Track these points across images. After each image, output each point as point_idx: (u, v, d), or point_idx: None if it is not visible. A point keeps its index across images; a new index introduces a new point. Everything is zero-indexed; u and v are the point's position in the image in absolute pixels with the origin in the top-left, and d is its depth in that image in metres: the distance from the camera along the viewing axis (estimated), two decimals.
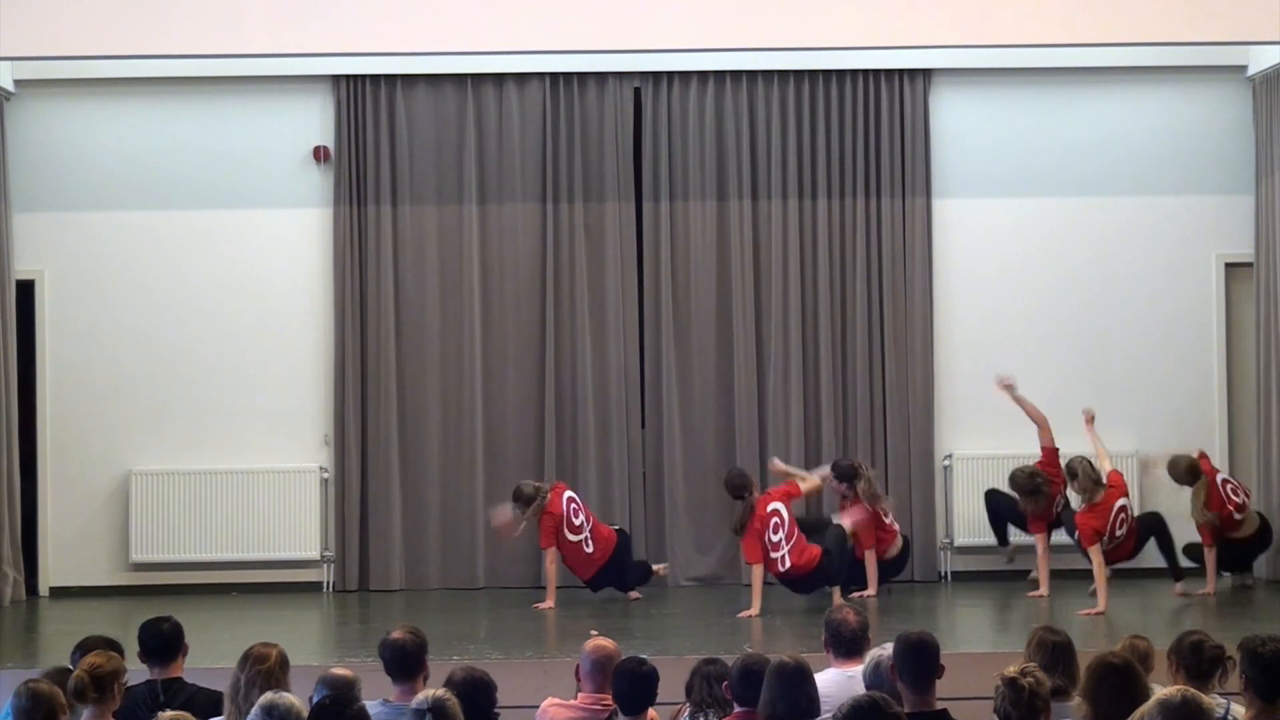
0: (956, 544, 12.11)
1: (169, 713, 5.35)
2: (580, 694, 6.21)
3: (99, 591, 11.87)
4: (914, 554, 11.84)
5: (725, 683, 5.80)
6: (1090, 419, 11.33)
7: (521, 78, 12.19)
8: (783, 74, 12.22)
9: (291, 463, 12.10)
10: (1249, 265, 12.21)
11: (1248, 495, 11.43)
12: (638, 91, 12.33)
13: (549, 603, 10.84)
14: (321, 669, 6.12)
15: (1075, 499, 10.98)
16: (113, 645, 6.32)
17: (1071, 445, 11.52)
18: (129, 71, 11.93)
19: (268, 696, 5.24)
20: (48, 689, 5.43)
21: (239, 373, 12.17)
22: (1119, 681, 5.37)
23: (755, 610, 10.32)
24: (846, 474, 11.09)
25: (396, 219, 12.21)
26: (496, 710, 5.73)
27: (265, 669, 5.74)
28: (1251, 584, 11.50)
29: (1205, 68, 12.24)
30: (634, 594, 11.26)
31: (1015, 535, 11.51)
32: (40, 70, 11.88)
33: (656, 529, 12.14)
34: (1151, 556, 11.26)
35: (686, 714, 6.13)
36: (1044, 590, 10.94)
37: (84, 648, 6.30)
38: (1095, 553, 10.56)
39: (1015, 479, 11.09)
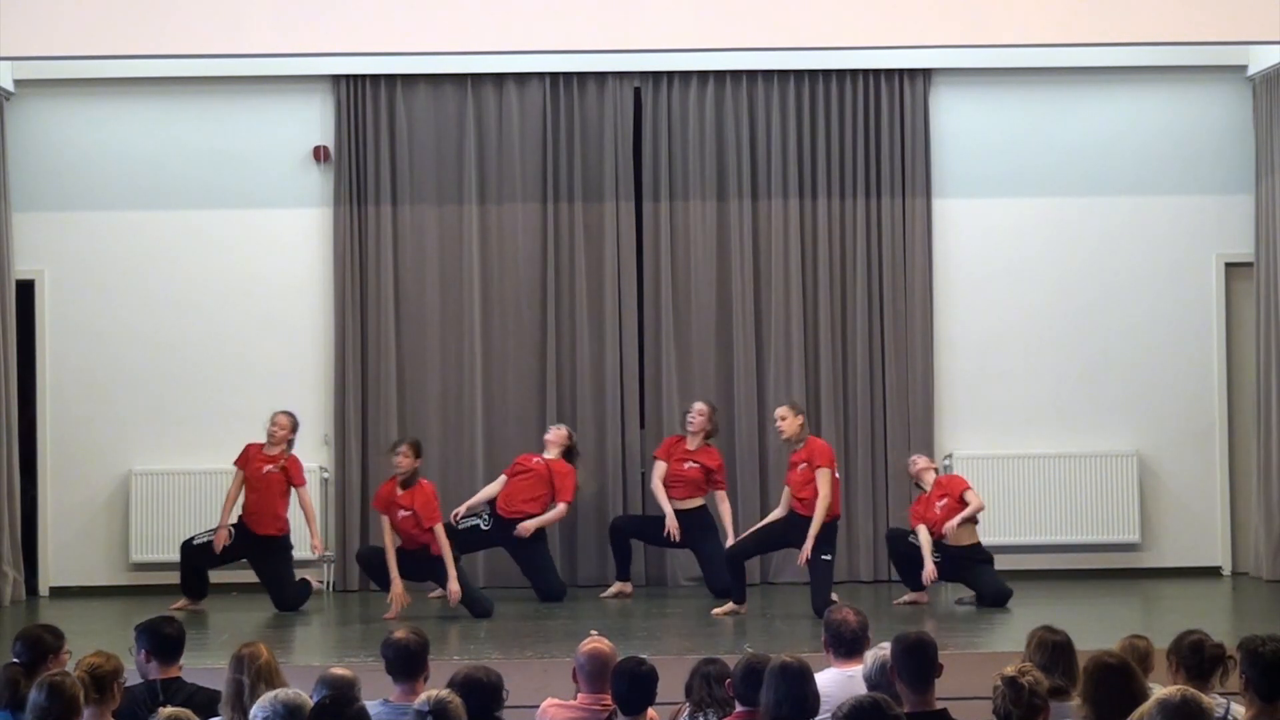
0: None
1: (168, 709, 5.34)
2: (579, 694, 6.21)
3: (99, 591, 11.87)
4: None
5: (728, 681, 5.81)
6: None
7: (521, 78, 12.20)
8: (783, 74, 12.22)
9: None
10: (1249, 265, 12.20)
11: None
12: (638, 91, 12.33)
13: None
14: (321, 669, 6.11)
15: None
16: (53, 633, 6.30)
17: (1071, 445, 11.51)
18: (129, 71, 11.93)
19: (270, 695, 5.24)
20: (70, 684, 5.41)
21: (239, 372, 12.17)
22: (1116, 681, 5.37)
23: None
24: None
25: (396, 219, 12.21)
26: (498, 713, 5.72)
27: (262, 664, 5.74)
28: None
29: (1205, 68, 12.24)
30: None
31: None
32: (40, 70, 11.89)
33: None
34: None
35: (686, 714, 6.13)
36: None
37: (23, 638, 6.26)
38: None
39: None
